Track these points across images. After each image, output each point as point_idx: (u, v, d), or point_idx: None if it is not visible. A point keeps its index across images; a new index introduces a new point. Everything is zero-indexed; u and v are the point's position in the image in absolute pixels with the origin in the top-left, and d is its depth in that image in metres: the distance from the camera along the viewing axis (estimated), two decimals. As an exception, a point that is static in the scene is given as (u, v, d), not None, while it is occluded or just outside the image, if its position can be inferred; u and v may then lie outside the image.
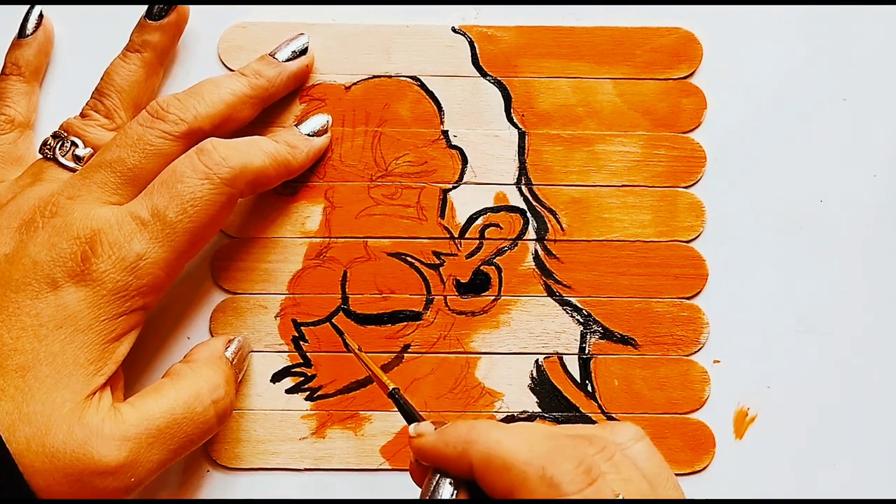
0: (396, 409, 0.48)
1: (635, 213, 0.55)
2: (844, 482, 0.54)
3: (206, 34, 0.56)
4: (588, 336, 0.55)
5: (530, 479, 0.40)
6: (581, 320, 0.55)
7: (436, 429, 0.44)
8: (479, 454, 0.42)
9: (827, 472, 0.54)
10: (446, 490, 0.43)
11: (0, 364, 0.45)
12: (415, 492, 0.53)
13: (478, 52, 0.56)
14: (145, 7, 0.54)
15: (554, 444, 0.41)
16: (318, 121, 0.55)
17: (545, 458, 0.40)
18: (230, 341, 0.53)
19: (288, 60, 0.54)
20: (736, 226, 0.56)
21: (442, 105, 0.56)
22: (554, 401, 0.54)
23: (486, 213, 0.55)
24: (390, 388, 0.49)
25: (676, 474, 0.51)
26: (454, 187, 0.56)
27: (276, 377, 0.55)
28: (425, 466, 0.45)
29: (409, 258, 0.55)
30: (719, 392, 0.54)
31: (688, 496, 0.44)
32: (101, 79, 0.54)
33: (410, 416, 0.47)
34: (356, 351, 0.52)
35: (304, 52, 0.55)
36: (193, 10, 0.55)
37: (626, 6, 0.57)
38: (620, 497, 0.40)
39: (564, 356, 0.55)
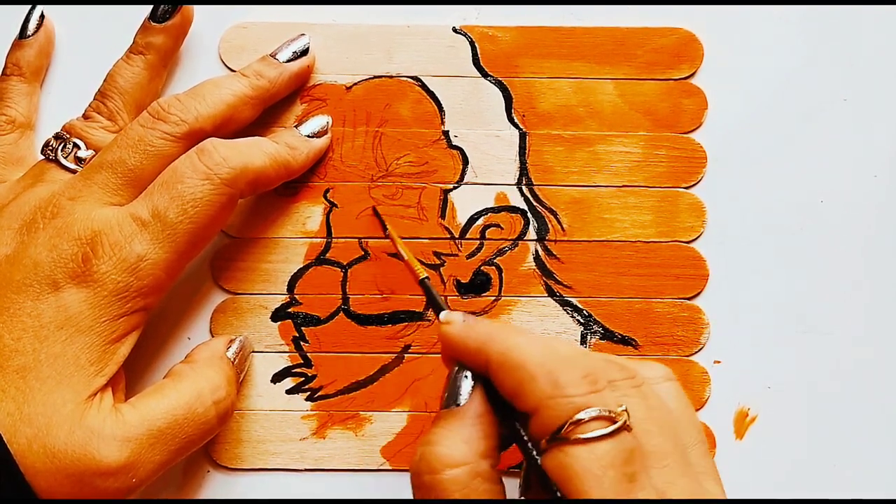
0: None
1: (636, 213, 0.55)
2: (844, 482, 0.54)
3: (206, 34, 0.56)
4: (588, 336, 0.55)
5: (537, 380, 0.40)
6: (581, 321, 0.55)
7: (463, 318, 0.45)
8: (496, 352, 0.42)
9: (827, 472, 0.54)
10: (466, 383, 0.43)
11: (1, 365, 0.45)
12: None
13: (479, 52, 0.56)
14: (147, 7, 0.54)
15: (571, 354, 0.42)
16: (318, 122, 0.55)
17: (556, 363, 0.41)
18: (231, 341, 0.53)
19: (289, 61, 0.54)
20: (736, 226, 0.56)
21: (443, 105, 0.56)
22: (554, 401, 0.54)
23: (486, 214, 0.55)
24: (421, 276, 0.50)
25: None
26: (455, 187, 0.56)
27: (277, 377, 0.55)
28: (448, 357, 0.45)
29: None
30: (720, 392, 0.54)
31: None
32: (104, 80, 0.54)
33: (438, 306, 0.48)
34: (392, 234, 0.52)
35: (305, 52, 0.55)
36: (194, 10, 0.55)
37: (626, 6, 0.57)
38: (623, 407, 0.40)
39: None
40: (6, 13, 0.56)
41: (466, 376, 0.44)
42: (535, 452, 0.41)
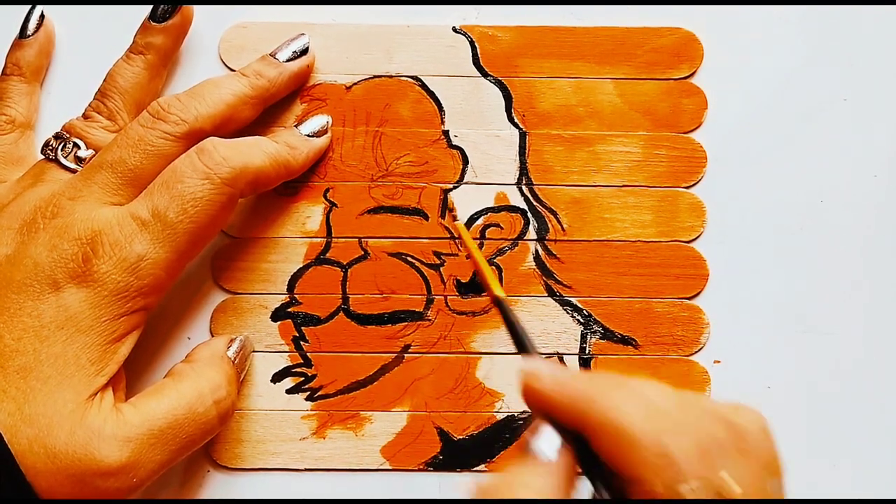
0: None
1: (636, 213, 0.55)
2: (844, 482, 0.54)
3: (206, 34, 0.56)
4: (588, 336, 0.55)
5: (647, 453, 0.39)
6: (581, 320, 0.55)
7: (551, 371, 0.42)
8: (597, 417, 0.40)
9: (827, 472, 0.54)
10: (553, 442, 0.41)
11: (2, 365, 0.45)
12: (414, 492, 0.53)
13: (479, 52, 0.56)
14: (147, 7, 0.54)
15: (681, 417, 0.40)
16: (318, 121, 0.55)
17: (666, 436, 0.39)
18: (232, 341, 0.53)
19: (289, 61, 0.54)
20: (736, 226, 0.56)
21: (443, 105, 0.56)
22: (554, 401, 0.54)
23: (486, 213, 0.55)
24: (498, 294, 0.47)
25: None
26: (455, 187, 0.56)
27: (277, 377, 0.55)
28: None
29: (409, 258, 0.55)
30: (720, 392, 0.54)
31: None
32: (104, 80, 0.54)
33: (520, 340, 0.45)
34: (471, 247, 0.51)
35: (304, 52, 0.55)
36: (194, 10, 0.55)
37: (626, 6, 0.57)
38: (739, 492, 0.39)
39: (565, 356, 0.55)
40: (6, 13, 0.56)
41: (553, 430, 0.41)
42: None
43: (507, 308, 0.46)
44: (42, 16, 0.55)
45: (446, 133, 0.56)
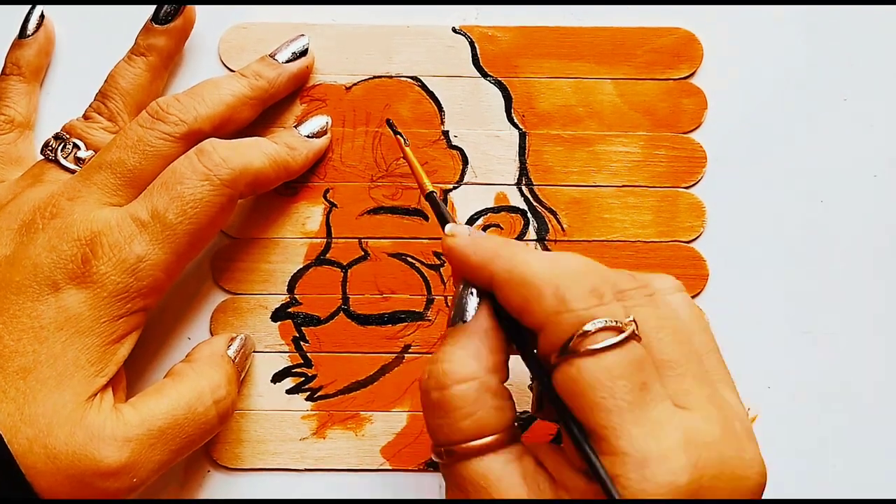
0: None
1: (636, 213, 0.55)
2: (844, 482, 0.54)
3: (206, 35, 0.56)
4: (588, 336, 0.55)
5: (543, 295, 0.40)
6: (581, 320, 0.55)
7: (468, 232, 0.44)
8: (502, 269, 0.42)
9: (827, 472, 0.54)
10: (472, 300, 0.43)
11: (1, 366, 0.45)
12: (414, 492, 0.53)
13: (478, 52, 0.56)
14: (146, 7, 0.54)
15: (578, 268, 0.41)
16: (317, 122, 0.55)
17: (562, 278, 0.40)
18: (232, 340, 0.53)
19: (288, 62, 0.54)
20: (736, 226, 0.56)
21: (442, 105, 0.56)
22: (554, 401, 0.54)
23: (486, 214, 0.55)
24: (428, 189, 0.49)
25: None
26: (455, 188, 0.56)
27: (277, 377, 0.55)
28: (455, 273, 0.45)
29: (409, 258, 0.55)
30: (720, 392, 0.54)
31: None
32: (105, 81, 0.54)
33: (444, 219, 0.47)
34: (403, 146, 0.52)
35: (304, 53, 0.55)
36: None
37: (626, 6, 0.57)
38: (631, 317, 0.40)
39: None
40: (6, 13, 0.56)
41: (472, 293, 0.43)
42: (544, 369, 0.41)
43: (436, 200, 0.49)
44: (42, 16, 0.55)
45: (446, 133, 0.56)
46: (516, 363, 0.44)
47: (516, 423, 0.43)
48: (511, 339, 0.43)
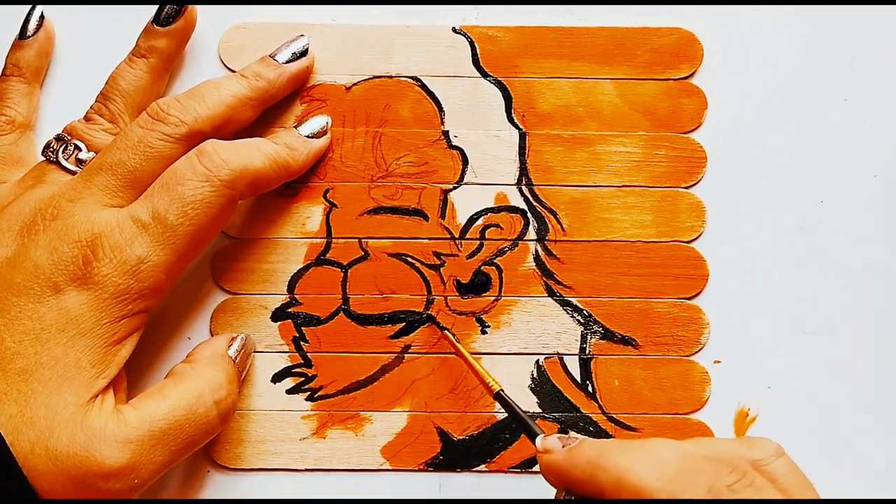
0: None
1: (636, 213, 0.55)
2: (844, 482, 0.54)
3: (206, 35, 0.56)
4: (588, 336, 0.55)
5: None
6: (581, 321, 0.55)
7: (563, 444, 0.45)
8: (609, 481, 0.42)
9: (827, 472, 0.54)
10: None
11: (3, 368, 0.45)
12: (414, 492, 0.54)
13: (478, 52, 0.56)
14: (147, 7, 0.54)
15: (684, 466, 0.42)
16: (317, 122, 0.55)
17: (675, 484, 0.41)
18: (233, 339, 0.53)
19: (288, 62, 0.54)
20: (736, 226, 0.56)
21: (442, 105, 0.56)
22: (554, 401, 0.54)
23: (486, 214, 0.55)
24: (496, 389, 0.50)
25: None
26: (455, 188, 0.56)
27: (277, 377, 0.55)
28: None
29: (409, 258, 0.55)
30: (720, 392, 0.54)
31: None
32: (107, 83, 0.54)
33: (530, 430, 0.48)
34: (458, 346, 0.53)
35: (304, 53, 0.55)
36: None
37: (626, 6, 0.57)
38: None
39: (565, 356, 0.55)
40: (6, 13, 0.56)
41: (574, 500, 0.44)
42: None
43: (508, 399, 0.50)
44: (42, 16, 0.55)
45: (446, 133, 0.56)
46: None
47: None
48: None
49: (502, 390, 0.50)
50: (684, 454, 0.43)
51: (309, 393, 0.54)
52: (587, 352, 0.55)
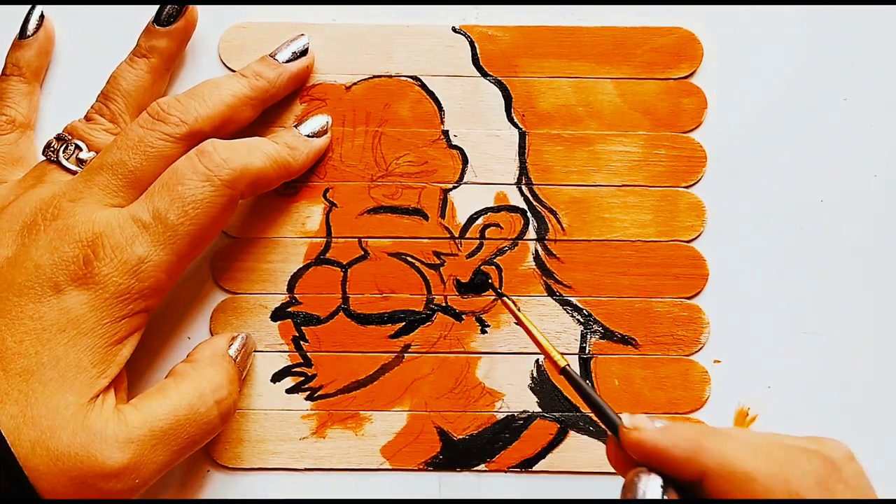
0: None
1: (636, 212, 0.55)
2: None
3: (206, 34, 0.56)
4: (588, 336, 0.55)
5: (775, 492, 0.41)
6: (581, 320, 0.55)
7: (653, 423, 0.44)
8: (714, 462, 0.42)
9: (827, 472, 0.54)
10: (655, 490, 0.43)
11: (4, 368, 0.45)
12: (414, 492, 0.54)
13: (478, 51, 0.56)
14: (147, 7, 0.54)
15: (784, 457, 0.42)
16: (317, 122, 0.55)
17: (786, 471, 0.41)
18: (233, 339, 0.53)
19: (288, 61, 0.54)
20: (736, 226, 0.56)
21: (442, 105, 0.56)
22: (554, 401, 0.54)
23: (486, 213, 0.55)
24: (562, 364, 0.48)
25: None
26: (455, 187, 0.56)
27: (277, 377, 0.55)
28: (633, 460, 0.44)
29: (409, 258, 0.55)
30: (720, 392, 0.54)
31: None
32: (107, 83, 0.54)
33: (597, 405, 0.46)
34: (519, 316, 0.51)
35: (304, 52, 0.55)
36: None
37: (626, 6, 0.57)
38: None
39: (565, 356, 0.55)
40: (6, 13, 0.56)
41: (658, 482, 0.43)
42: None
43: (575, 376, 0.48)
44: (42, 16, 0.55)
45: (446, 133, 0.56)
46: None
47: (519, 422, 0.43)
48: None
49: (568, 365, 0.48)
50: (778, 443, 0.43)
51: (309, 392, 0.54)
52: (587, 351, 0.55)
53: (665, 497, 0.42)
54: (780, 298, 0.55)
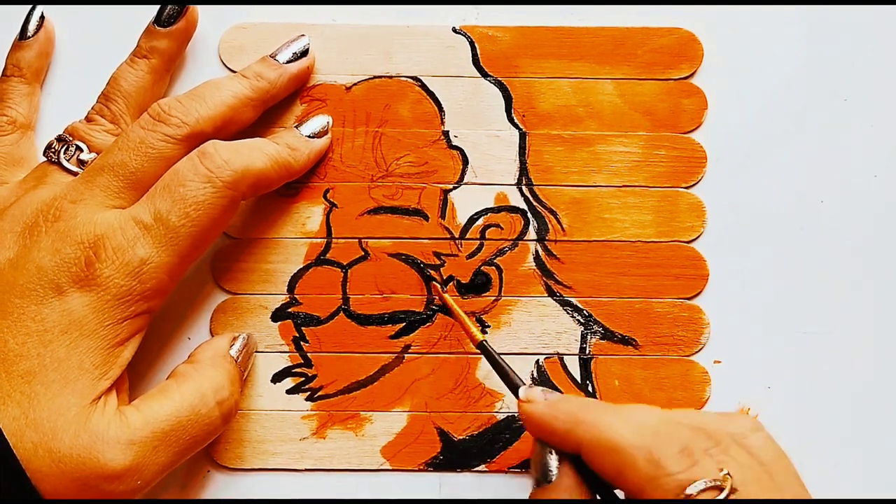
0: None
1: (636, 213, 0.55)
2: (845, 482, 0.54)
3: (206, 35, 0.56)
4: (589, 336, 0.55)
5: (637, 462, 0.41)
6: (582, 321, 0.55)
7: (545, 396, 0.46)
8: (588, 435, 0.43)
9: (827, 472, 0.54)
10: (552, 460, 0.44)
11: (6, 370, 0.45)
12: (414, 492, 0.54)
13: (478, 52, 0.56)
14: (147, 7, 0.54)
15: (661, 428, 0.43)
16: (318, 122, 0.55)
17: (651, 441, 0.42)
18: (235, 339, 0.53)
19: (289, 62, 0.54)
20: (736, 226, 0.56)
21: (443, 105, 0.56)
22: (555, 401, 0.54)
23: (486, 214, 0.55)
24: (479, 338, 0.51)
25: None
26: (455, 188, 0.56)
27: (277, 377, 0.55)
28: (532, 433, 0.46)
29: (409, 258, 0.55)
30: (720, 392, 0.54)
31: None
32: (108, 83, 0.54)
33: (511, 381, 0.48)
34: (444, 296, 0.53)
35: (304, 53, 0.55)
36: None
37: (626, 6, 0.57)
38: (725, 471, 0.41)
39: (565, 356, 0.55)
40: (6, 13, 0.56)
41: (552, 452, 0.45)
42: None
43: (491, 349, 0.50)
44: (42, 17, 0.55)
45: (446, 133, 0.56)
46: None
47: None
48: (599, 494, 0.44)
49: (485, 341, 0.50)
50: (665, 418, 0.44)
51: (309, 393, 0.54)
52: (587, 352, 0.55)
53: (556, 470, 0.44)
54: (781, 298, 0.55)
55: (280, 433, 0.54)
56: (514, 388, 0.48)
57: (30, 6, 0.55)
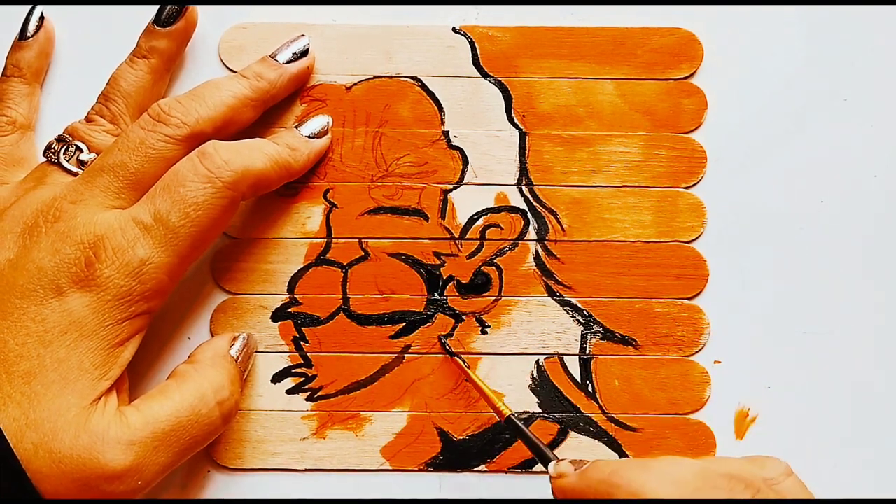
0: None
1: (636, 213, 0.55)
2: (844, 482, 0.54)
3: (206, 35, 0.56)
4: (589, 336, 0.55)
5: None
6: (582, 321, 0.55)
7: (575, 468, 0.45)
8: (626, 496, 0.42)
9: (827, 472, 0.54)
10: None
11: (6, 370, 0.45)
12: (414, 493, 0.54)
13: (478, 52, 0.56)
14: (147, 7, 0.54)
15: (699, 483, 0.42)
16: (318, 122, 0.55)
17: (692, 494, 0.42)
18: (235, 339, 0.53)
19: (289, 62, 0.54)
20: (736, 226, 0.56)
21: (443, 105, 0.56)
22: (554, 401, 0.54)
23: (486, 214, 0.55)
24: (507, 413, 0.51)
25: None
26: (455, 188, 0.56)
27: (277, 378, 0.55)
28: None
29: (409, 258, 0.55)
30: (720, 392, 0.54)
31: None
32: (108, 83, 0.54)
33: (538, 450, 0.48)
34: (469, 372, 0.53)
35: (304, 53, 0.55)
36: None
37: (626, 6, 0.57)
38: None
39: (565, 357, 0.55)
40: (6, 13, 0.56)
41: None
42: None
43: (519, 423, 0.50)
44: (42, 17, 0.55)
45: (446, 133, 0.56)
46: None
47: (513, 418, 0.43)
48: None
49: (513, 415, 0.50)
50: (699, 471, 0.43)
51: (309, 393, 0.54)
52: (587, 352, 0.55)
53: None
54: (781, 298, 0.55)
55: (280, 433, 0.54)
56: (545, 462, 0.48)
57: (30, 6, 0.55)
